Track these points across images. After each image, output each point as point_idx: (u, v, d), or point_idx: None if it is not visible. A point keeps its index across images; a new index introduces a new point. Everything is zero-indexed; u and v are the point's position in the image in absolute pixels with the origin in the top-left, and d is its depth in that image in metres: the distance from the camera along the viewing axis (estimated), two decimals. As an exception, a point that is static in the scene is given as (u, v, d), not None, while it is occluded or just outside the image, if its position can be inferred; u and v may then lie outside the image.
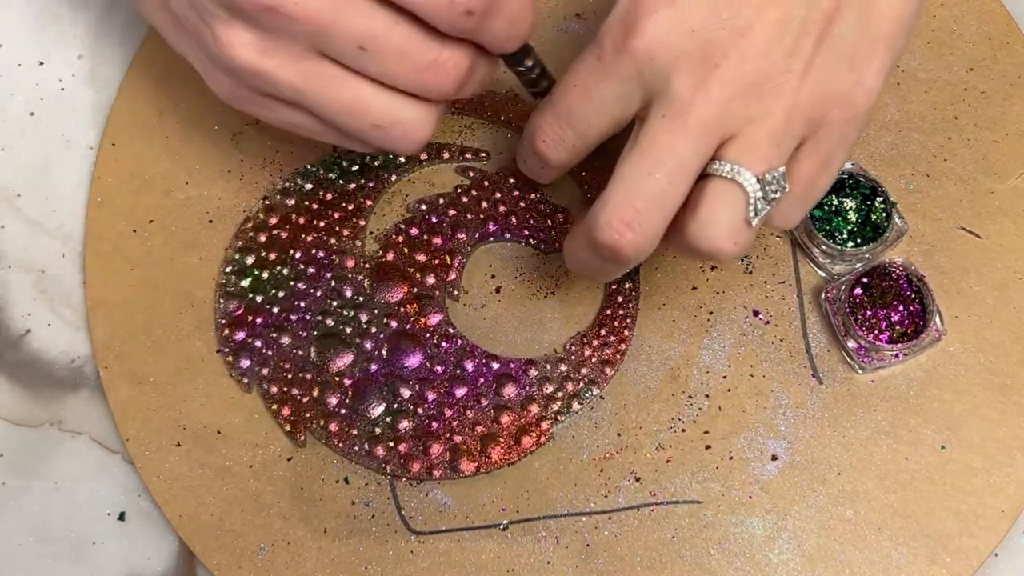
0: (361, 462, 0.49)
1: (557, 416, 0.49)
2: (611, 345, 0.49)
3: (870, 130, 0.52)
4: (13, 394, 0.51)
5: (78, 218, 0.53)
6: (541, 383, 0.49)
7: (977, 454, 0.48)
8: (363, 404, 0.49)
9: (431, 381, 0.49)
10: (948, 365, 0.49)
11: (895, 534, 0.47)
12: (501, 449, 0.48)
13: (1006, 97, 0.52)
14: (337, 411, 0.49)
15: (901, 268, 0.48)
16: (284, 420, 0.49)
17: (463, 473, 0.48)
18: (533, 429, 0.48)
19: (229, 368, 0.50)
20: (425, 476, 0.48)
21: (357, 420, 0.49)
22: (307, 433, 0.49)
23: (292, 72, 0.40)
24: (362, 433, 0.49)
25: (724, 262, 0.49)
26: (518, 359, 0.50)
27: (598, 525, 0.48)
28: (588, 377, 0.49)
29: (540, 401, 0.49)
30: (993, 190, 0.51)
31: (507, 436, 0.48)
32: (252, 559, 0.48)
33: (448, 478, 0.48)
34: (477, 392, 0.49)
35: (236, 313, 0.50)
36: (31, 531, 0.50)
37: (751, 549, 0.47)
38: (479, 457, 0.48)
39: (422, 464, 0.48)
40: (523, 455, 0.48)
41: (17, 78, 0.55)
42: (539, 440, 0.48)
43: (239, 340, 0.50)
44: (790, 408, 0.49)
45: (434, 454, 0.48)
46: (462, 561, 0.48)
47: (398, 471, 0.48)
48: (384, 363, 0.49)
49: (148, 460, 0.50)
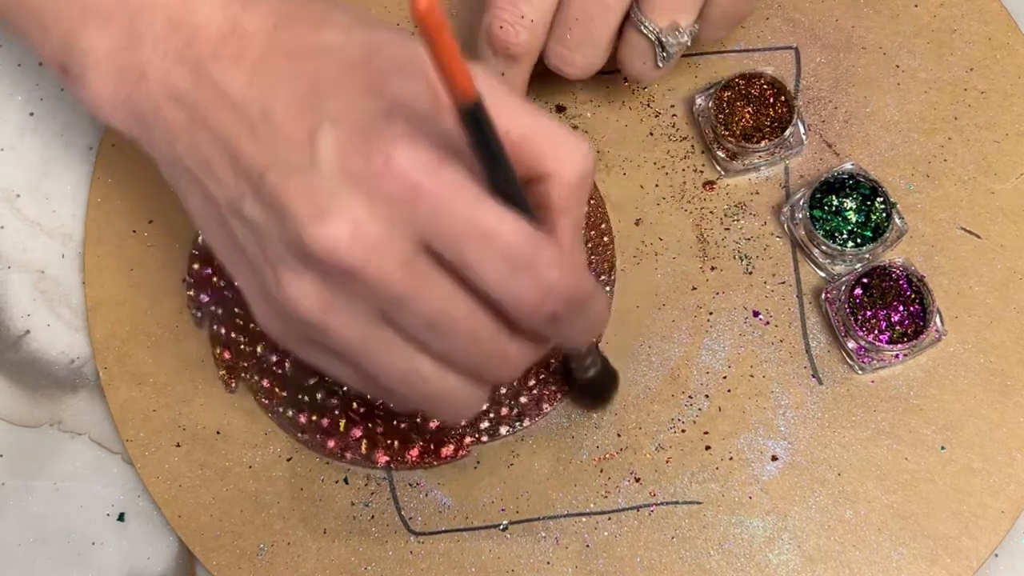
0: (281, 424, 0.49)
1: (480, 436, 0.49)
2: (556, 382, 0.49)
3: (870, 130, 0.52)
4: (13, 394, 0.51)
5: (78, 218, 0.53)
6: None
7: (977, 455, 0.48)
8: (300, 371, 0.49)
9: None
10: (948, 365, 0.49)
11: (895, 535, 0.47)
12: (417, 451, 0.48)
13: (1006, 97, 0.52)
14: (274, 370, 0.49)
15: (901, 268, 0.48)
16: (222, 363, 0.50)
17: (375, 463, 0.48)
18: (454, 441, 0.48)
19: (188, 301, 0.50)
20: (337, 455, 0.48)
21: (290, 384, 0.49)
22: (239, 382, 0.50)
23: (354, 333, 0.37)
24: (290, 397, 0.49)
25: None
26: None
27: (598, 525, 0.48)
28: (523, 407, 0.49)
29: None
30: (993, 190, 0.51)
31: (427, 440, 0.48)
32: (252, 559, 0.48)
33: (358, 464, 0.48)
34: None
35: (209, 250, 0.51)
36: (31, 531, 0.50)
37: (751, 550, 0.47)
38: (394, 453, 0.48)
39: (338, 443, 0.48)
40: (438, 463, 0.48)
41: (17, 78, 0.55)
42: (456, 453, 0.48)
43: (205, 275, 0.51)
44: (790, 408, 0.49)
45: (353, 436, 0.48)
46: (462, 561, 0.48)
47: (312, 443, 0.49)
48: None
49: (148, 460, 0.50)
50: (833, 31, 0.53)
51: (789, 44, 0.53)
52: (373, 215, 0.34)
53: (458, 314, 0.36)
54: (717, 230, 0.51)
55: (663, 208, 0.51)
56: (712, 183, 0.51)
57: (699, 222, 0.51)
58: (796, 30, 0.53)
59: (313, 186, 0.35)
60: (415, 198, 0.34)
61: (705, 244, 0.51)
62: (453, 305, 0.36)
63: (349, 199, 0.35)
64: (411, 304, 0.36)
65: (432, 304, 0.36)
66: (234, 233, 0.39)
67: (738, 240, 0.51)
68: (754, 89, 0.50)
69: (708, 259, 0.51)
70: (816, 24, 0.53)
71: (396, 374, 0.38)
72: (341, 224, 0.34)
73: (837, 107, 0.52)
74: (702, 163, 0.52)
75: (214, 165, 0.38)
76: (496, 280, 0.35)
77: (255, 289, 0.39)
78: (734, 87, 0.50)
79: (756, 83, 0.50)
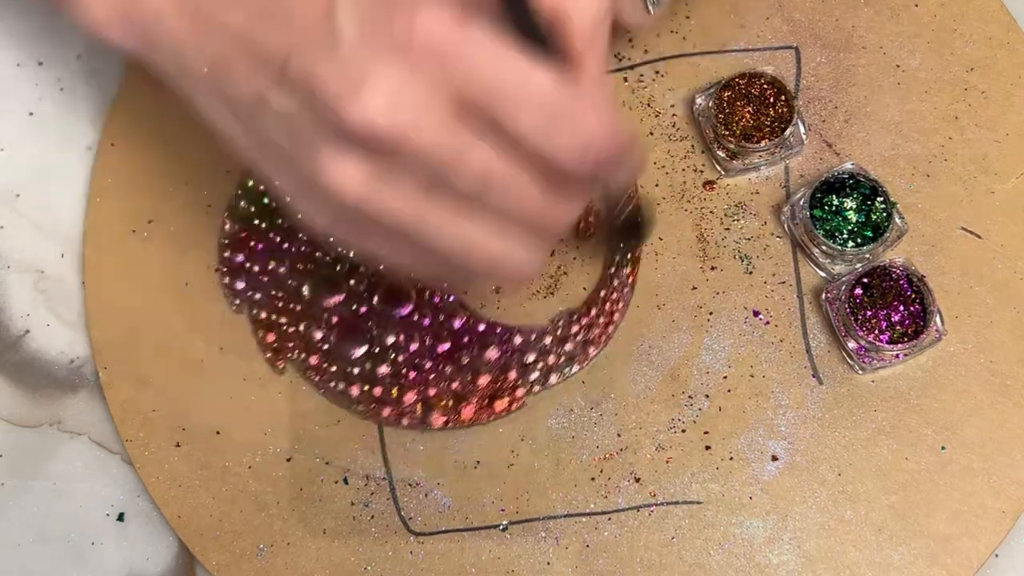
0: (334, 399, 0.49)
1: (533, 386, 0.49)
2: (598, 326, 0.50)
3: (870, 130, 0.52)
4: (13, 394, 0.51)
5: (78, 218, 0.53)
6: (523, 351, 0.49)
7: (977, 455, 0.48)
8: (346, 343, 0.50)
9: (417, 332, 0.50)
10: (948, 365, 0.49)
11: (895, 535, 0.47)
12: (472, 408, 0.49)
13: (1006, 97, 0.52)
14: (320, 346, 0.50)
15: (901, 268, 0.48)
16: (266, 346, 0.50)
17: (431, 426, 0.49)
18: (507, 394, 0.49)
19: (224, 288, 0.51)
20: (394, 422, 0.49)
21: (337, 358, 0.50)
22: (287, 362, 0.50)
23: (403, 207, 0.36)
24: (340, 371, 0.49)
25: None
26: (505, 324, 0.50)
27: (598, 526, 0.48)
28: (569, 354, 0.49)
29: (518, 368, 0.49)
30: (993, 190, 0.51)
31: (480, 397, 0.49)
32: (251, 559, 0.48)
33: (415, 428, 0.49)
34: (459, 349, 0.50)
35: (240, 235, 0.51)
36: (31, 531, 0.50)
37: (751, 550, 0.47)
38: (449, 412, 0.49)
39: (393, 410, 0.49)
40: (493, 417, 0.49)
41: (17, 78, 0.55)
42: (510, 407, 0.49)
43: (237, 262, 0.51)
44: (790, 408, 0.49)
45: (406, 402, 0.49)
46: (462, 561, 0.48)
47: (368, 413, 0.49)
48: (374, 307, 0.50)
49: (148, 461, 0.50)
50: (833, 31, 0.53)
51: (789, 44, 0.53)
52: (406, 82, 0.34)
53: (504, 172, 0.36)
54: (717, 230, 0.51)
55: (663, 208, 0.51)
56: (712, 183, 0.51)
57: (699, 222, 0.51)
58: (796, 30, 0.53)
59: (340, 63, 0.34)
60: (445, 58, 0.34)
61: (705, 244, 0.51)
62: (498, 164, 0.36)
63: (379, 70, 0.34)
64: (457, 167, 0.35)
65: (477, 165, 0.35)
66: (265, 131, 0.38)
67: (738, 240, 0.51)
68: (754, 89, 0.50)
69: (708, 259, 0.51)
70: (816, 24, 0.53)
71: (453, 243, 0.37)
72: (376, 96, 0.34)
73: (837, 107, 0.52)
74: (702, 163, 0.52)
75: (230, 64, 0.37)
76: (535, 133, 0.35)
77: (297, 185, 0.38)
78: (734, 87, 0.50)
79: (756, 83, 0.50)
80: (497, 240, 0.38)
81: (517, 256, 0.38)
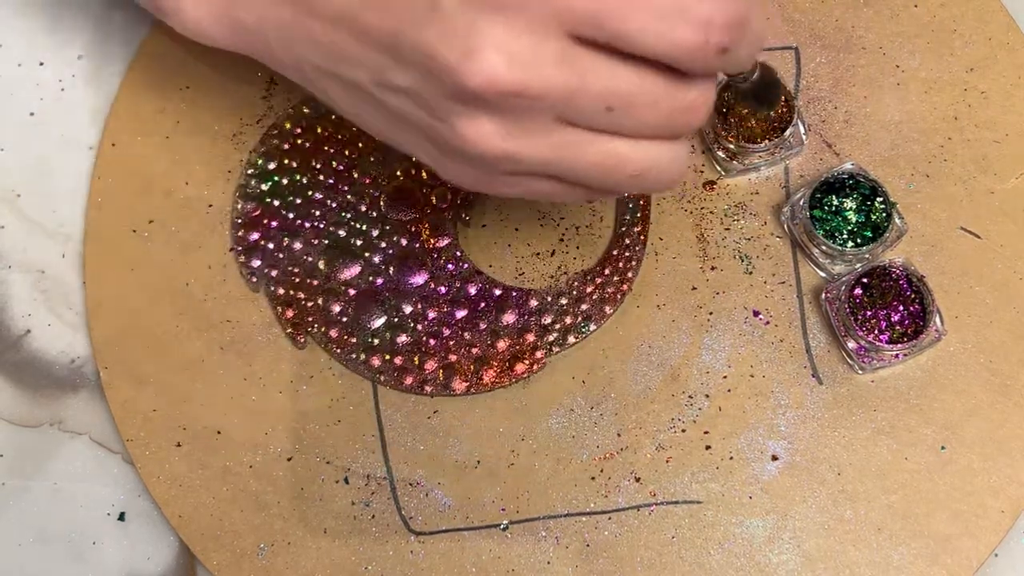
0: (357, 370, 0.50)
1: (552, 347, 0.50)
2: (613, 284, 0.50)
3: (870, 130, 0.52)
4: (13, 394, 0.51)
5: (78, 218, 0.53)
6: (540, 313, 0.50)
7: (977, 454, 0.48)
8: (365, 315, 0.50)
9: (433, 300, 0.50)
10: (948, 365, 0.49)
11: (895, 534, 0.47)
12: (494, 372, 0.49)
13: (1006, 97, 0.52)
14: (339, 319, 0.50)
15: (901, 268, 0.48)
16: (287, 322, 0.50)
17: (454, 391, 0.49)
18: (527, 356, 0.49)
19: (240, 267, 0.51)
20: (416, 390, 0.49)
21: (357, 329, 0.50)
22: (307, 336, 0.50)
23: (542, 147, 0.37)
24: (360, 342, 0.50)
25: None
26: (520, 288, 0.50)
27: (598, 525, 0.48)
28: (586, 313, 0.50)
29: (537, 331, 0.50)
30: (993, 190, 0.51)
31: (501, 360, 0.49)
32: (252, 559, 0.48)
33: (439, 395, 0.49)
34: (477, 315, 0.50)
35: (253, 214, 0.52)
36: (31, 531, 0.50)
37: (751, 549, 0.47)
38: (471, 377, 0.49)
39: (415, 378, 0.49)
40: (515, 380, 0.49)
41: (17, 78, 0.55)
42: (532, 367, 0.49)
43: (252, 240, 0.51)
44: (790, 408, 0.49)
45: (428, 370, 0.49)
46: (462, 561, 0.48)
47: (391, 382, 0.49)
48: (390, 278, 0.51)
49: (148, 460, 0.50)
50: (833, 31, 0.53)
51: (789, 44, 0.53)
52: (514, 31, 0.34)
53: (629, 86, 0.36)
54: (717, 230, 0.51)
55: (663, 208, 0.51)
56: (712, 183, 0.51)
57: (699, 222, 0.51)
58: (796, 30, 0.53)
59: (447, 29, 0.35)
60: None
61: (705, 244, 0.51)
62: (621, 79, 0.36)
63: (486, 27, 0.34)
64: (583, 95, 0.36)
65: (600, 88, 0.36)
66: (390, 107, 0.38)
67: (738, 240, 0.51)
68: None
69: (708, 259, 0.51)
70: (816, 24, 0.53)
71: (598, 167, 0.38)
72: (490, 54, 0.34)
73: (837, 107, 0.52)
74: (702, 163, 0.52)
75: (342, 49, 0.38)
76: (653, 37, 0.35)
77: (434, 152, 0.39)
78: (733, 88, 0.50)
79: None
80: (638, 152, 0.38)
81: (662, 162, 0.39)
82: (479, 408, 0.50)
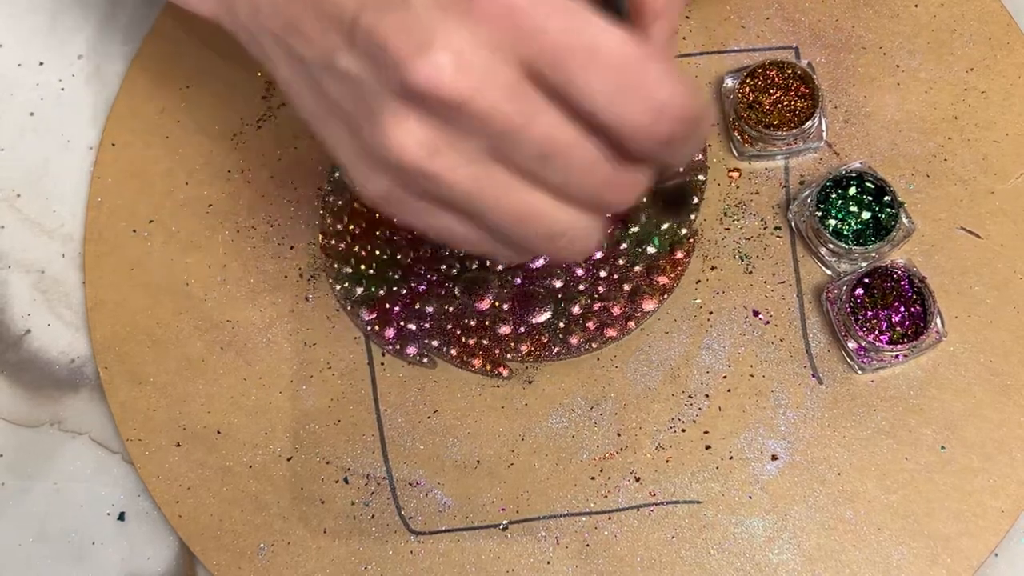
0: (577, 355, 0.50)
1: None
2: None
3: (870, 130, 0.52)
4: (13, 394, 0.51)
5: (78, 218, 0.53)
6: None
7: (977, 454, 0.48)
8: (530, 316, 0.50)
9: (570, 269, 0.51)
10: (948, 365, 0.49)
11: (895, 534, 0.47)
12: (667, 278, 0.50)
13: (1006, 97, 0.52)
14: (516, 333, 0.50)
15: (903, 269, 0.48)
16: (479, 370, 0.50)
17: (647, 313, 0.50)
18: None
19: (408, 359, 0.51)
20: (624, 333, 0.50)
21: (538, 330, 0.50)
22: (507, 367, 0.50)
23: (465, 177, 0.35)
24: (554, 338, 0.50)
25: None
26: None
27: (598, 525, 0.48)
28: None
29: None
30: (993, 190, 0.51)
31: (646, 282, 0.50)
32: (252, 559, 0.48)
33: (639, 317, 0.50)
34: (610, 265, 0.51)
35: (373, 316, 0.51)
36: (31, 531, 0.50)
37: (751, 549, 0.47)
38: (654, 293, 0.50)
39: (619, 327, 0.50)
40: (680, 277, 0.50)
41: (17, 78, 0.55)
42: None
43: (393, 336, 0.51)
44: (790, 408, 0.49)
45: (616, 313, 0.50)
46: (462, 561, 0.48)
47: (609, 340, 0.50)
48: (522, 271, 0.51)
49: (148, 460, 0.50)
50: (833, 31, 0.53)
51: (789, 44, 0.53)
52: (474, 42, 0.34)
53: (570, 141, 0.35)
54: (717, 230, 0.51)
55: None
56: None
57: (699, 222, 0.51)
58: (796, 30, 0.53)
59: (409, 22, 0.34)
60: (513, 18, 0.33)
61: (705, 244, 0.51)
62: (564, 132, 0.35)
63: (448, 29, 0.34)
64: (522, 133, 0.34)
65: (543, 131, 0.34)
66: (327, 93, 0.37)
67: (738, 240, 0.51)
68: (782, 79, 0.50)
69: (708, 259, 0.51)
70: (816, 24, 0.53)
71: (512, 214, 0.36)
72: (443, 55, 0.33)
73: (837, 107, 0.52)
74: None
75: (301, 23, 0.37)
76: (605, 98, 0.34)
77: (353, 150, 0.38)
78: (762, 75, 0.50)
79: (785, 73, 0.50)
80: (558, 213, 0.37)
81: (576, 231, 0.38)
82: (479, 408, 0.50)
